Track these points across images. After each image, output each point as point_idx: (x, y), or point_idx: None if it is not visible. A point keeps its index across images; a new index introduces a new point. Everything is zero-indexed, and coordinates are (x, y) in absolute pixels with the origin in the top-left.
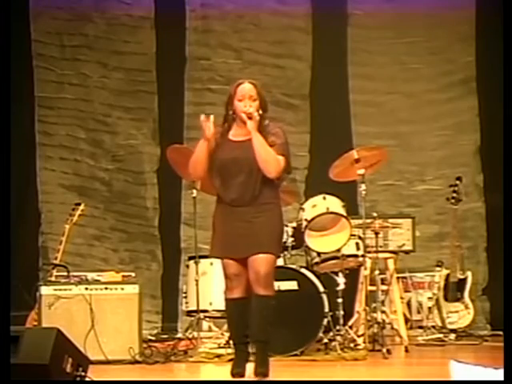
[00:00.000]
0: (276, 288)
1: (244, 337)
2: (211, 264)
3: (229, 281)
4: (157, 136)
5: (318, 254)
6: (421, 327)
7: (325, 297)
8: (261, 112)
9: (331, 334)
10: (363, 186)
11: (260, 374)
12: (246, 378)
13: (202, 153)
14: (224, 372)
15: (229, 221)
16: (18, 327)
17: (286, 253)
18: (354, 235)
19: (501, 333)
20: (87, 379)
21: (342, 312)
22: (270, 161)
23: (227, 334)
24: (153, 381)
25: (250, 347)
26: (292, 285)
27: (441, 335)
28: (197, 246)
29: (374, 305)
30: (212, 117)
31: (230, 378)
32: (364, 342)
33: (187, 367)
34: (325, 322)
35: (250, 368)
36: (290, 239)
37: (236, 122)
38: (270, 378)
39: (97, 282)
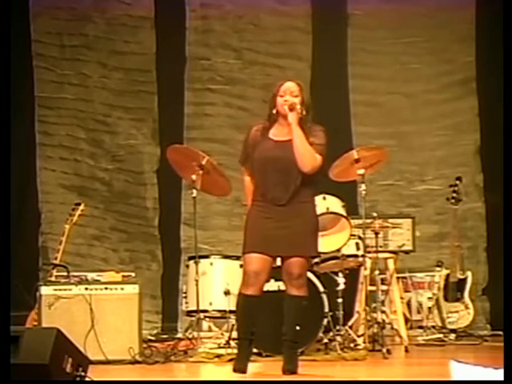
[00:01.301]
0: (276, 288)
1: (249, 333)
2: (211, 264)
3: (247, 277)
4: (157, 136)
5: (318, 253)
6: (421, 327)
7: (325, 297)
8: (304, 112)
9: (331, 334)
10: (363, 186)
11: (287, 371)
12: (247, 378)
13: None
14: (224, 372)
15: (264, 219)
16: (18, 327)
17: None
18: (354, 235)
19: (501, 333)
20: (87, 379)
21: (342, 312)
22: (306, 154)
23: (227, 334)
24: (153, 381)
25: (253, 347)
26: None
27: (441, 335)
28: (197, 245)
29: (374, 305)
30: None
31: (229, 378)
32: (364, 342)
33: (187, 367)
34: (325, 322)
35: (252, 368)
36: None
37: (278, 122)
38: (269, 377)
39: (97, 282)
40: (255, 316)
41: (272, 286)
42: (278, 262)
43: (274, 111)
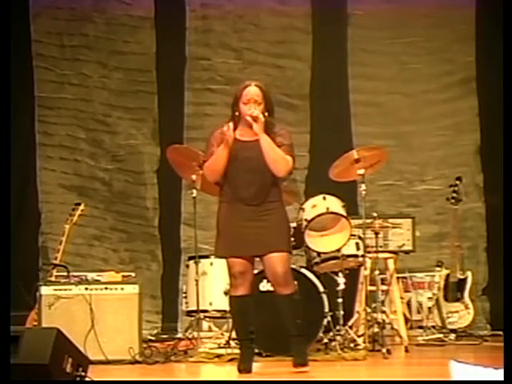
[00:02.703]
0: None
1: (249, 333)
2: (211, 264)
3: (233, 279)
4: (157, 136)
5: (318, 253)
6: (421, 327)
7: (325, 297)
8: (266, 114)
9: (331, 333)
10: (363, 186)
11: (298, 365)
12: (252, 377)
13: (224, 159)
14: (224, 372)
15: (235, 220)
16: (18, 327)
17: None
18: (354, 235)
19: (501, 333)
20: (87, 379)
21: (342, 312)
22: (279, 160)
23: (227, 334)
24: (153, 381)
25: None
26: None
27: (441, 335)
28: (197, 245)
29: (374, 305)
30: (231, 125)
31: (229, 378)
32: (364, 342)
33: (187, 367)
34: (325, 322)
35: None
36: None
37: (242, 123)
38: (269, 377)
39: (97, 282)
40: (250, 315)
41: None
42: None
43: (237, 113)
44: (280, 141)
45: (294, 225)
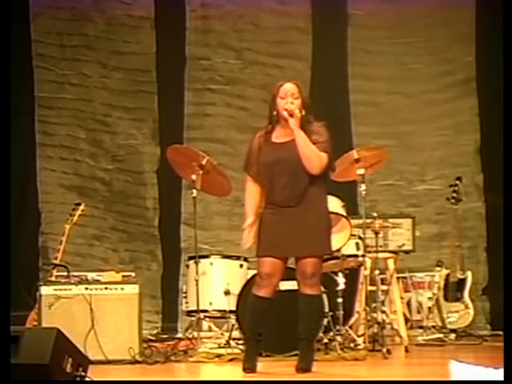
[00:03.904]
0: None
1: (257, 334)
2: (211, 264)
3: (260, 279)
4: (157, 136)
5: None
6: (421, 327)
7: (325, 297)
8: (303, 112)
9: (331, 333)
10: (363, 186)
11: (300, 370)
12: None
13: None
14: (224, 372)
15: (275, 221)
16: (18, 327)
17: None
18: (354, 235)
19: (501, 333)
20: (87, 379)
21: (342, 312)
22: (312, 157)
23: (227, 334)
24: (153, 381)
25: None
26: (292, 285)
27: (441, 335)
28: (197, 245)
29: (374, 305)
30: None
31: (230, 378)
32: (364, 342)
33: (187, 367)
34: (325, 321)
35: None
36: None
37: (280, 123)
38: (272, 377)
39: (97, 282)
40: (264, 317)
41: None
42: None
43: (275, 113)
44: (315, 138)
45: None
